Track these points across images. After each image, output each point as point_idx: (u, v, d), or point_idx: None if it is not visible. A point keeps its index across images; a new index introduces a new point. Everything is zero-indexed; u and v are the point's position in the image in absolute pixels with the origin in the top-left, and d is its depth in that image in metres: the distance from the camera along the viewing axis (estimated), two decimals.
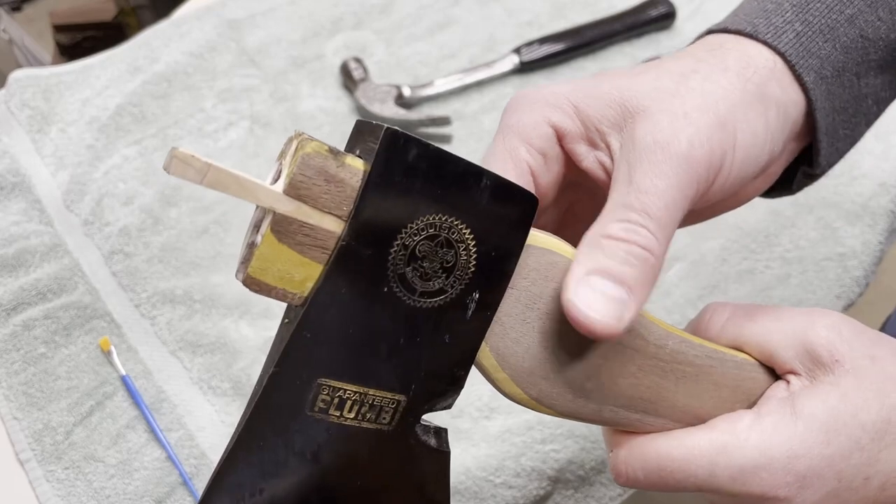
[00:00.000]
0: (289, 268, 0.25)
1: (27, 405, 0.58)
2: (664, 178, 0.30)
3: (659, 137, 0.30)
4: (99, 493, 0.55)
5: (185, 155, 0.23)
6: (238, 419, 0.59)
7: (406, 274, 0.26)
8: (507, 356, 0.29)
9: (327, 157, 0.25)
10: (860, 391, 0.31)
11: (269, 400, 0.26)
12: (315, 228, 0.25)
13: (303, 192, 0.25)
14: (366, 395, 0.27)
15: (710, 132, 0.31)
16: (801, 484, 0.30)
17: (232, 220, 0.68)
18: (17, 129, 0.73)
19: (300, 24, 0.82)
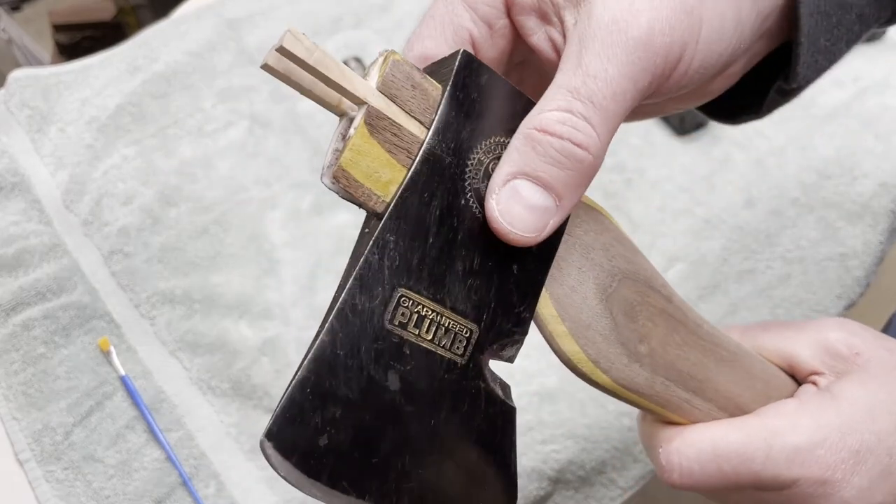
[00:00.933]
0: (377, 166, 0.26)
1: (26, 405, 0.58)
2: (616, 63, 0.26)
3: (618, 16, 0.27)
4: (98, 494, 0.55)
5: (297, 33, 0.24)
6: (237, 419, 0.59)
7: (481, 190, 0.27)
8: (566, 305, 0.30)
9: (414, 68, 0.27)
10: (890, 375, 0.31)
11: (353, 301, 0.26)
12: (402, 129, 0.26)
13: (393, 90, 0.26)
14: (442, 316, 0.27)
15: (674, 17, 0.27)
16: (855, 460, 0.30)
17: (231, 220, 0.68)
18: (16, 129, 0.73)
19: (300, 23, 0.82)
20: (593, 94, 0.26)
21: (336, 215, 0.69)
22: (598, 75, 0.26)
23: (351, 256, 0.29)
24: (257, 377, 0.60)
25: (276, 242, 0.67)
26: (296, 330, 0.62)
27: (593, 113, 0.26)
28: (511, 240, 0.27)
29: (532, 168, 0.26)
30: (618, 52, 0.26)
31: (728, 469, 0.31)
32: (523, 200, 0.26)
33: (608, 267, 0.30)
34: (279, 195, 0.70)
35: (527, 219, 0.26)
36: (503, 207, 0.26)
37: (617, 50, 0.26)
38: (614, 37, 0.27)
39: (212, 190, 0.70)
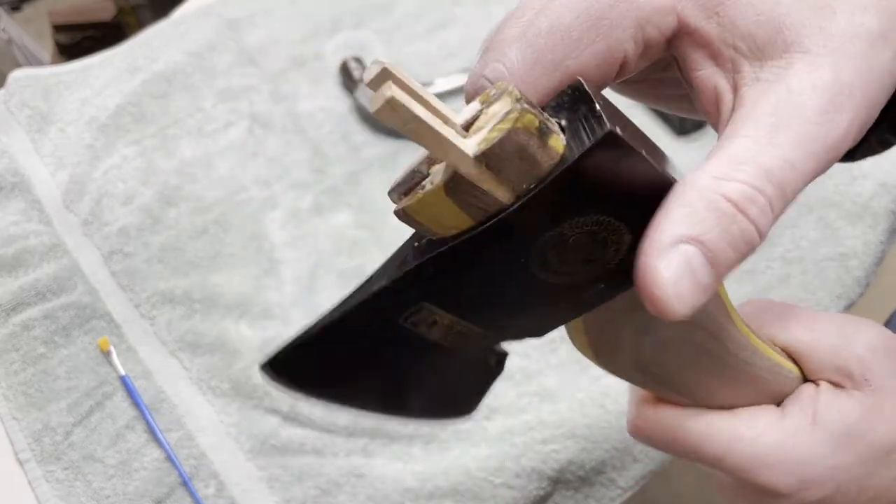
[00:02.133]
0: (444, 214, 0.24)
1: (26, 405, 0.58)
2: (812, 159, 0.24)
3: (826, 108, 0.24)
4: (98, 494, 0.55)
5: (397, 102, 0.21)
6: (237, 419, 0.59)
7: (548, 255, 0.25)
8: (595, 333, 0.30)
9: (534, 135, 0.23)
10: (877, 413, 0.31)
11: (373, 304, 0.26)
12: (487, 193, 0.24)
13: (493, 162, 0.23)
14: (456, 324, 0.27)
15: (864, 121, 0.25)
16: (801, 486, 0.31)
17: (231, 220, 0.68)
18: (16, 129, 0.73)
19: (300, 23, 0.82)
20: (786, 183, 0.23)
21: (336, 215, 0.69)
22: (797, 166, 0.23)
23: (395, 253, 0.27)
24: (257, 377, 0.60)
25: (276, 242, 0.67)
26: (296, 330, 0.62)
27: (778, 202, 0.23)
28: (666, 312, 0.23)
29: (710, 239, 0.23)
30: (818, 150, 0.24)
31: (680, 450, 0.32)
32: (694, 274, 0.23)
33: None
34: (279, 195, 0.70)
35: (690, 295, 0.23)
36: (674, 275, 0.22)
37: (819, 146, 0.24)
38: (819, 130, 0.24)
39: (212, 190, 0.70)
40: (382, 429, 0.58)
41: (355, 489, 0.55)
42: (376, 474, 0.56)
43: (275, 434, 0.58)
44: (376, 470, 0.56)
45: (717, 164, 0.24)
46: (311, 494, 0.55)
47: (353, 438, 0.58)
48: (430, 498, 0.55)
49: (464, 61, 0.79)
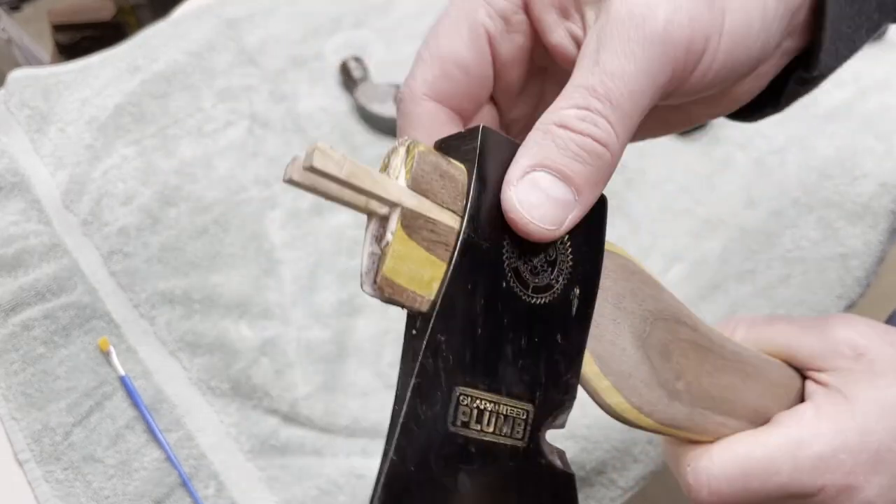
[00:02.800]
0: (417, 267, 0.26)
1: (26, 405, 0.58)
2: (634, 59, 0.26)
3: (635, 11, 0.26)
4: (98, 494, 0.55)
5: (326, 149, 0.24)
6: (237, 419, 0.59)
7: (519, 268, 0.27)
8: (607, 359, 0.30)
9: (438, 155, 0.26)
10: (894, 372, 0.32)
11: (415, 413, 0.26)
12: (437, 223, 0.26)
13: (424, 186, 0.25)
14: (499, 405, 0.27)
15: (694, 9, 0.26)
16: (875, 460, 0.31)
17: (231, 221, 0.68)
18: (15, 129, 0.73)
19: (299, 23, 0.82)
20: (611, 92, 0.26)
21: (336, 215, 0.69)
22: (616, 73, 0.26)
23: (402, 359, 0.28)
24: (257, 377, 0.60)
25: (276, 242, 0.67)
26: (296, 330, 0.62)
27: (611, 112, 0.26)
28: (530, 231, 0.26)
29: (552, 160, 0.26)
30: (635, 49, 0.26)
31: (756, 484, 0.31)
32: (543, 192, 0.26)
33: (640, 312, 0.31)
34: (279, 195, 0.70)
35: (547, 210, 0.26)
36: (522, 198, 0.25)
37: (634, 46, 0.26)
38: (631, 32, 0.26)
39: (211, 190, 0.70)
40: (382, 429, 0.58)
41: (355, 489, 0.55)
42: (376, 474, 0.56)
43: (274, 434, 0.58)
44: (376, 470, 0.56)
45: (555, 103, 0.26)
46: (311, 495, 0.55)
47: (353, 438, 0.58)
48: None
49: None
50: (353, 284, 0.65)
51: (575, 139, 0.26)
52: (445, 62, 0.30)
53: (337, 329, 0.63)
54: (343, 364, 0.61)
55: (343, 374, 0.60)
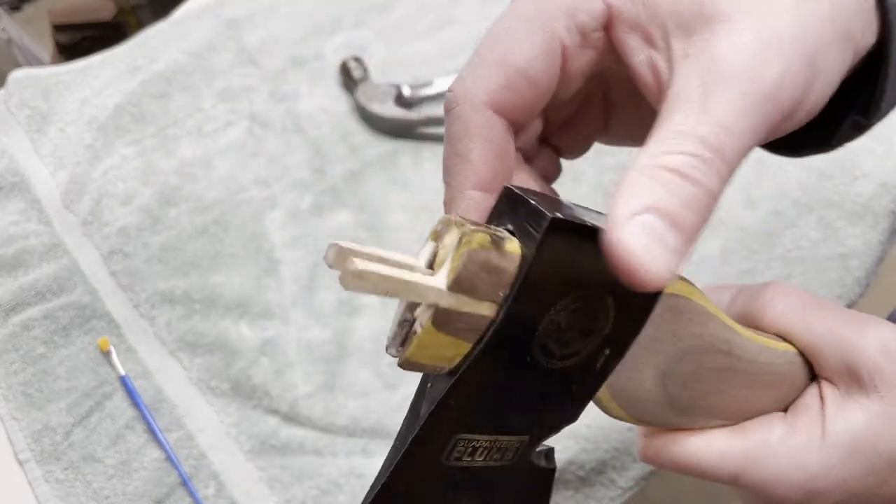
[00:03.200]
0: (442, 349, 0.26)
1: (26, 405, 0.58)
2: (748, 117, 0.25)
3: (749, 64, 0.25)
4: (98, 494, 0.55)
5: (364, 272, 0.23)
6: (237, 419, 0.59)
7: (548, 344, 0.26)
8: (620, 391, 0.30)
9: (491, 249, 0.25)
10: (885, 419, 0.31)
11: (411, 456, 0.27)
12: (472, 315, 0.25)
13: (465, 286, 0.25)
14: (496, 442, 0.28)
15: (800, 70, 0.25)
16: (808, 498, 0.31)
17: (231, 221, 0.68)
18: (16, 129, 0.73)
19: (300, 23, 0.82)
20: (724, 146, 0.24)
21: (336, 215, 0.69)
22: (730, 127, 0.24)
23: (414, 399, 0.29)
24: (257, 377, 0.60)
25: (276, 242, 0.67)
26: (296, 330, 0.62)
27: (721, 164, 0.24)
28: (641, 277, 0.23)
29: (665, 205, 0.23)
30: (749, 106, 0.25)
31: (696, 474, 0.32)
32: (656, 236, 0.23)
33: (672, 352, 0.30)
34: (279, 195, 0.70)
35: (660, 256, 0.23)
36: (635, 240, 0.23)
37: (749, 102, 0.25)
38: (745, 86, 0.25)
39: (212, 190, 0.70)
40: (382, 429, 0.58)
41: (355, 489, 0.55)
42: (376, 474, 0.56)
43: (274, 434, 0.58)
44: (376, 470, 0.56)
45: (654, 143, 0.25)
46: (311, 494, 0.55)
47: (353, 438, 0.58)
48: None
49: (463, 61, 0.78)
50: None
51: (687, 186, 0.24)
52: (513, 71, 0.28)
53: (337, 329, 0.63)
54: (343, 364, 0.61)
55: (343, 374, 0.60)
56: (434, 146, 0.73)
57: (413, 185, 0.70)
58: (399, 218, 0.68)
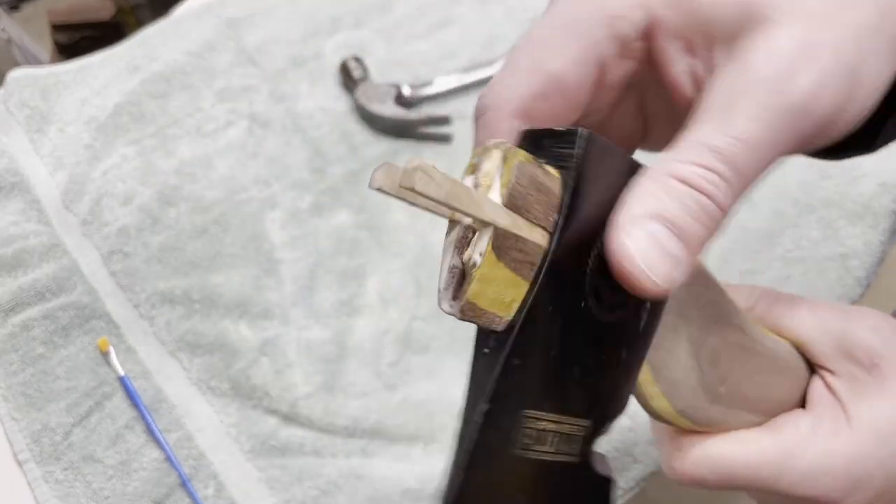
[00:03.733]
0: (501, 288, 0.24)
1: (25, 406, 0.58)
2: (769, 129, 0.24)
3: (778, 73, 0.24)
4: (97, 494, 0.55)
5: (429, 169, 0.22)
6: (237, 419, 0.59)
7: (600, 287, 0.25)
8: (660, 367, 0.29)
9: (534, 164, 0.24)
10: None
11: (484, 439, 0.25)
12: (527, 243, 0.24)
13: (519, 202, 0.24)
14: (560, 424, 0.27)
15: (838, 80, 0.24)
16: (854, 486, 0.31)
17: (231, 221, 0.68)
18: (15, 129, 0.73)
19: (299, 23, 0.82)
20: (737, 158, 0.24)
21: (336, 215, 0.69)
22: (747, 140, 0.24)
23: (471, 376, 0.27)
24: (257, 377, 0.60)
25: (276, 242, 0.67)
26: (296, 330, 0.62)
27: (734, 177, 0.24)
28: (642, 284, 0.24)
29: (670, 213, 0.24)
30: (772, 118, 0.24)
31: (740, 483, 0.31)
32: (659, 244, 0.23)
33: (699, 320, 0.30)
34: (279, 195, 0.70)
35: (661, 264, 0.23)
36: (637, 246, 0.23)
37: (772, 114, 0.24)
38: (771, 99, 0.24)
39: (211, 190, 0.69)
40: (382, 429, 0.58)
41: (355, 490, 0.55)
42: (376, 475, 0.56)
43: (274, 434, 0.57)
44: (376, 471, 0.56)
45: (670, 151, 0.25)
46: (311, 495, 0.55)
47: (353, 439, 0.58)
48: (431, 499, 0.55)
49: (463, 61, 0.79)
50: (353, 284, 0.65)
51: (695, 197, 0.24)
52: (546, 79, 0.27)
53: (337, 329, 0.62)
54: (343, 364, 0.61)
55: (343, 374, 0.60)
56: (434, 146, 0.73)
57: None
58: (399, 218, 0.68)
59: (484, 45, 0.80)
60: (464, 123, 0.74)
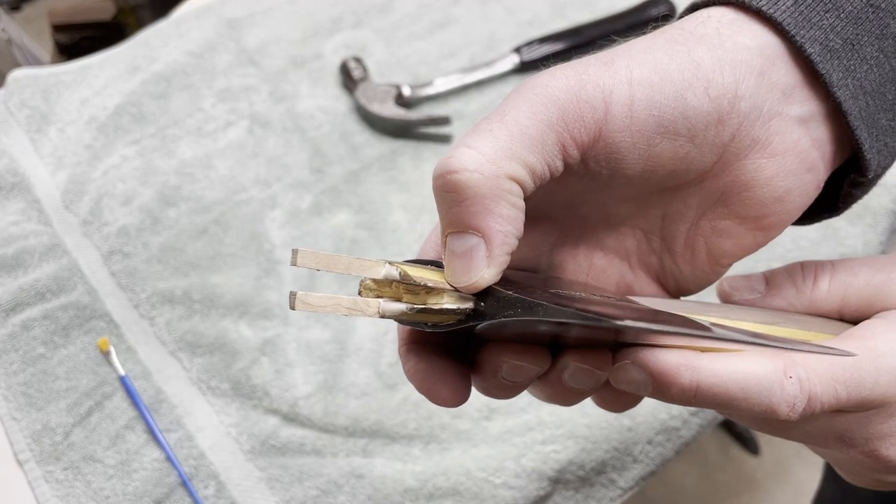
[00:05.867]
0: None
1: (26, 405, 0.58)
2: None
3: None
4: (98, 494, 0.55)
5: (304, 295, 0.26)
6: (237, 419, 0.59)
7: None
8: None
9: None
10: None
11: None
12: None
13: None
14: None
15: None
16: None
17: (231, 221, 0.68)
18: (15, 129, 0.73)
19: (299, 23, 0.82)
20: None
21: (336, 215, 0.69)
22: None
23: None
24: (257, 377, 0.60)
25: (276, 242, 0.67)
26: (296, 330, 0.62)
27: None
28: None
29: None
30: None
31: (843, 395, 0.28)
32: (455, 254, 0.26)
33: None
34: (279, 195, 0.70)
35: (460, 268, 0.26)
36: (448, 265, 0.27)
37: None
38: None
39: (211, 190, 0.70)
40: (382, 429, 0.58)
41: (355, 489, 0.55)
42: (376, 474, 0.56)
43: (274, 434, 0.58)
44: (376, 470, 0.56)
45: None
46: (311, 495, 0.55)
47: (353, 438, 0.58)
48: (430, 498, 0.55)
49: (463, 61, 0.79)
50: (353, 284, 0.65)
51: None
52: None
53: (337, 329, 0.63)
54: (343, 364, 0.61)
55: (343, 374, 0.60)
56: (434, 146, 0.73)
57: (413, 185, 0.70)
58: (399, 218, 0.68)
59: (484, 45, 0.80)
60: (463, 123, 0.74)
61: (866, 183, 0.32)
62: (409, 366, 0.29)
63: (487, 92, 0.77)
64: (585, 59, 0.28)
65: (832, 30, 0.28)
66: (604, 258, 0.33)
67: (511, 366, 0.28)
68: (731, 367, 0.27)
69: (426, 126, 0.73)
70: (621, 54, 0.28)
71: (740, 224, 0.31)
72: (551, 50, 0.77)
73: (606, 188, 0.30)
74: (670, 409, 0.58)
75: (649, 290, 0.34)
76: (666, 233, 0.32)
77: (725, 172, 0.30)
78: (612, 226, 0.32)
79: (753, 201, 0.30)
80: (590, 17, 0.80)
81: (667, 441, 0.58)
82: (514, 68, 0.77)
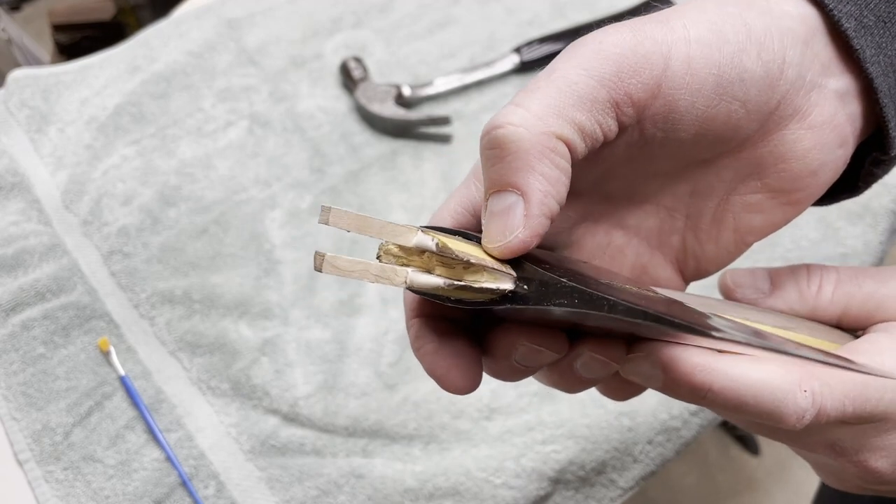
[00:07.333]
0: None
1: (26, 405, 0.58)
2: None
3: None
4: (98, 494, 0.55)
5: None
6: (237, 419, 0.59)
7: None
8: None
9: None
10: None
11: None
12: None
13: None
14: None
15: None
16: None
17: (231, 221, 0.68)
18: (15, 129, 0.73)
19: (299, 23, 0.82)
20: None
21: None
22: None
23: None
24: (257, 377, 0.60)
25: (276, 242, 0.67)
26: (296, 330, 0.62)
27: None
28: (501, 253, 0.25)
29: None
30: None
31: (849, 410, 0.28)
32: (493, 214, 0.26)
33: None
34: (279, 195, 0.70)
35: (495, 228, 0.26)
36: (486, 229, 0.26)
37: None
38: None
39: (211, 190, 0.70)
40: (382, 429, 0.58)
41: (355, 490, 0.55)
42: (376, 475, 0.56)
43: (274, 434, 0.58)
44: (376, 470, 0.56)
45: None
46: (311, 495, 0.55)
47: (353, 438, 0.58)
48: (430, 498, 0.55)
49: (463, 61, 0.79)
50: (353, 284, 0.65)
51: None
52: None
53: (337, 329, 0.63)
54: (343, 364, 0.61)
55: (343, 374, 0.60)
56: (434, 146, 0.73)
57: (413, 185, 0.70)
58: (399, 218, 0.68)
59: (484, 45, 0.80)
60: (463, 123, 0.74)
61: (888, 161, 0.31)
62: (419, 344, 0.28)
63: (487, 92, 0.77)
64: (639, 18, 0.27)
65: (866, 6, 0.28)
66: (623, 237, 0.32)
67: (528, 349, 0.27)
68: (748, 374, 0.26)
69: (426, 126, 0.73)
70: (675, 14, 0.27)
71: (772, 198, 0.31)
72: (551, 50, 0.77)
73: (646, 159, 0.29)
74: (670, 410, 0.58)
75: (663, 272, 0.33)
76: (692, 210, 0.32)
77: (764, 142, 0.29)
78: (635, 203, 0.32)
79: (788, 174, 0.30)
80: (590, 17, 0.80)
81: (667, 441, 0.58)
82: (514, 68, 0.77)
